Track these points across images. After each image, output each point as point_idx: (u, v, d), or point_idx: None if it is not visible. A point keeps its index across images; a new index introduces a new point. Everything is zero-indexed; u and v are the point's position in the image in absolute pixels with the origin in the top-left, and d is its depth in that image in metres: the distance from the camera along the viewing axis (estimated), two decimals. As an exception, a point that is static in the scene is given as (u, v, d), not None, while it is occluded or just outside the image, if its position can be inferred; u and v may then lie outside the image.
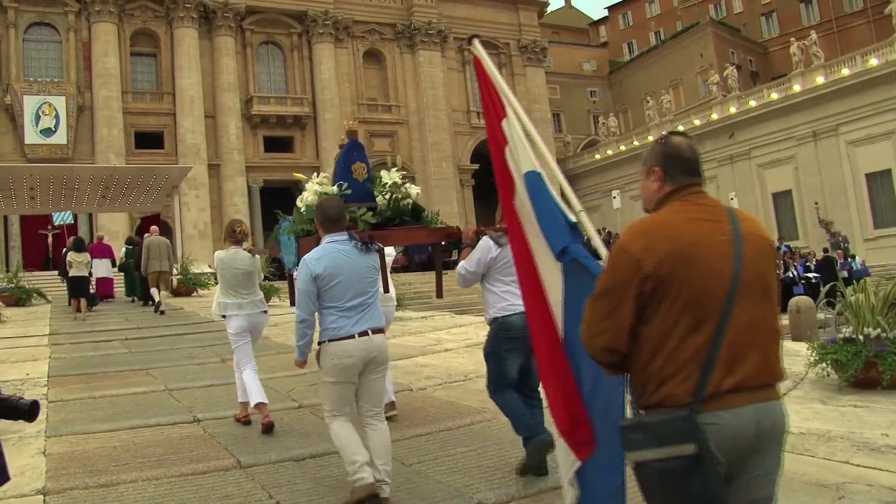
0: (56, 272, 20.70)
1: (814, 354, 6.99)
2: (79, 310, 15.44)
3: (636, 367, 2.33)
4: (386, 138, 43.02)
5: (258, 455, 5.37)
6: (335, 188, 5.57)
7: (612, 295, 2.30)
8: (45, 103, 34.78)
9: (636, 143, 46.80)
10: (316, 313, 4.44)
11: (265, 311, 6.64)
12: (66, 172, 23.06)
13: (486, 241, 4.91)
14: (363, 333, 4.34)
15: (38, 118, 34.56)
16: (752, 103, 39.02)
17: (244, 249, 6.50)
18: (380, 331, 4.49)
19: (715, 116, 41.17)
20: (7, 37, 35.38)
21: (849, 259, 26.86)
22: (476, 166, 44.17)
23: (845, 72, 34.54)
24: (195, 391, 7.81)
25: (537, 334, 3.11)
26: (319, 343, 4.44)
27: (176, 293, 19.84)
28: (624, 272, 2.27)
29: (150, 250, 16.30)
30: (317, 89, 41.56)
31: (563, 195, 3.16)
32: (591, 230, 3.00)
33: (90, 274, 16.80)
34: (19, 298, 18.30)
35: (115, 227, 32.44)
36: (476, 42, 3.63)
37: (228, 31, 39.68)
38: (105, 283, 19.34)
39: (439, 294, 6.31)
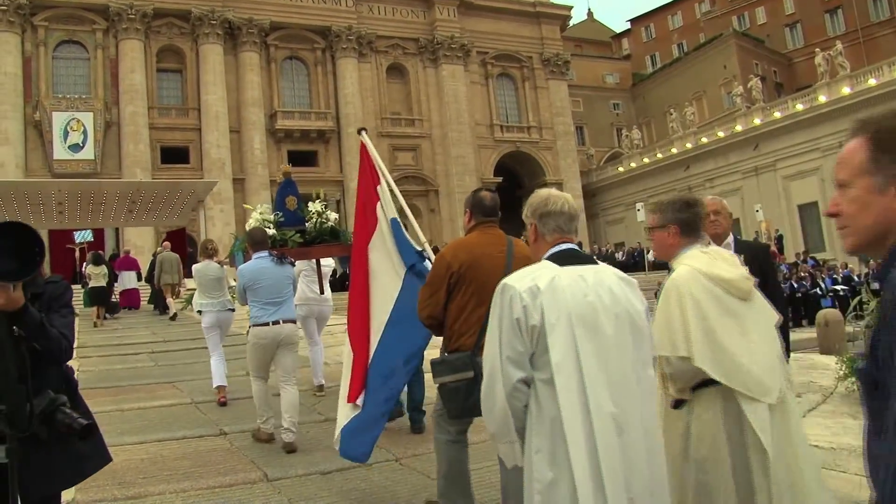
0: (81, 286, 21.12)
1: (843, 368, 6.88)
2: (98, 317, 16.39)
3: (446, 327, 3.89)
4: (409, 152, 43.11)
5: (285, 468, 5.39)
6: (272, 216, 7.30)
7: (434, 284, 3.91)
8: (73, 119, 35.22)
9: (660, 155, 46.53)
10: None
11: (231, 309, 8.66)
12: (94, 187, 23.29)
13: None
14: (276, 322, 6.13)
15: (66, 134, 35.01)
16: (777, 115, 38.61)
17: (215, 261, 8.66)
18: (290, 321, 6.29)
19: (739, 128, 40.81)
20: (37, 55, 35.96)
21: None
22: (499, 180, 43.53)
23: (872, 82, 34.09)
24: (221, 404, 7.85)
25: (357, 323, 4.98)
26: (249, 327, 6.23)
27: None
28: (441, 270, 3.89)
29: (162, 265, 17.79)
30: (340, 104, 41.76)
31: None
32: (429, 252, 5.09)
33: (109, 284, 17.69)
34: (48, 312, 18.58)
35: (140, 242, 32.72)
36: (363, 133, 5.89)
37: (253, 46, 40.05)
38: (131, 294, 19.85)
39: None
